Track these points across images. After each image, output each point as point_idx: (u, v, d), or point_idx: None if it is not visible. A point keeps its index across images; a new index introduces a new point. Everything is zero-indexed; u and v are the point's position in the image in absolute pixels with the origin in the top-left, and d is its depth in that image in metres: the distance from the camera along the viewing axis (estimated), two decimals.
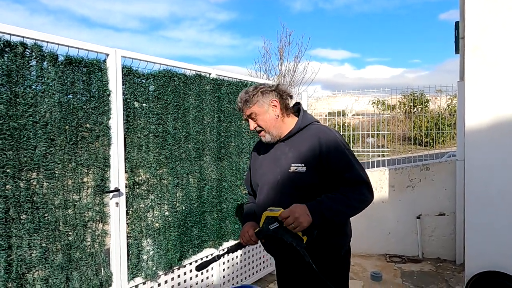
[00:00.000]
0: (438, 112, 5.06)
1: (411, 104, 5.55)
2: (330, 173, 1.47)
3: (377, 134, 4.91)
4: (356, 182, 1.45)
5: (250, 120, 1.57)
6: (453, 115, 4.68)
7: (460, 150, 3.68)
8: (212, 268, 2.92)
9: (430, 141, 5.35)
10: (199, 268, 1.62)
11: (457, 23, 3.91)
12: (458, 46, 3.83)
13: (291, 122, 1.59)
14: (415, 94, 5.42)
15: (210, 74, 2.86)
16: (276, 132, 1.56)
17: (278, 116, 1.56)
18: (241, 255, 3.24)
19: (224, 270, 3.04)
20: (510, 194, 2.64)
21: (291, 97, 1.64)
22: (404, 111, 5.89)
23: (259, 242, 1.56)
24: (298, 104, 1.68)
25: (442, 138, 5.31)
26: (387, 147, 4.95)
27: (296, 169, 1.48)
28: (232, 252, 1.63)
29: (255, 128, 1.57)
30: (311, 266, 1.35)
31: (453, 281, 3.49)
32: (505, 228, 2.67)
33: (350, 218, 1.58)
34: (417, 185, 4.14)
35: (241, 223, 1.71)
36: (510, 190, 2.63)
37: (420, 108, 5.75)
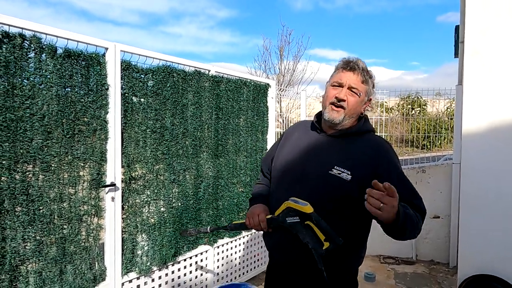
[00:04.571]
0: (437, 115, 5.07)
1: (409, 106, 5.56)
2: None
3: None
4: (420, 212, 1.27)
5: (344, 88, 1.35)
6: (452, 118, 4.70)
7: (456, 154, 3.69)
8: (206, 265, 2.93)
9: (427, 144, 5.37)
10: (184, 232, 1.64)
11: (457, 27, 3.91)
12: (458, 50, 3.84)
13: (353, 122, 1.45)
14: (414, 97, 5.44)
15: (209, 71, 2.85)
16: (348, 120, 1.39)
17: (361, 112, 1.44)
18: (235, 252, 3.24)
19: (218, 267, 3.05)
20: (505, 198, 2.65)
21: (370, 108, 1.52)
22: (402, 113, 5.90)
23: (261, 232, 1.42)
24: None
25: (439, 141, 5.33)
26: None
27: (339, 173, 1.29)
28: (232, 230, 1.53)
29: (341, 99, 1.35)
30: (322, 274, 1.21)
31: (445, 284, 3.51)
32: (499, 232, 2.68)
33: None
34: None
35: (249, 203, 1.57)
36: (505, 195, 2.65)
37: (418, 111, 5.77)
